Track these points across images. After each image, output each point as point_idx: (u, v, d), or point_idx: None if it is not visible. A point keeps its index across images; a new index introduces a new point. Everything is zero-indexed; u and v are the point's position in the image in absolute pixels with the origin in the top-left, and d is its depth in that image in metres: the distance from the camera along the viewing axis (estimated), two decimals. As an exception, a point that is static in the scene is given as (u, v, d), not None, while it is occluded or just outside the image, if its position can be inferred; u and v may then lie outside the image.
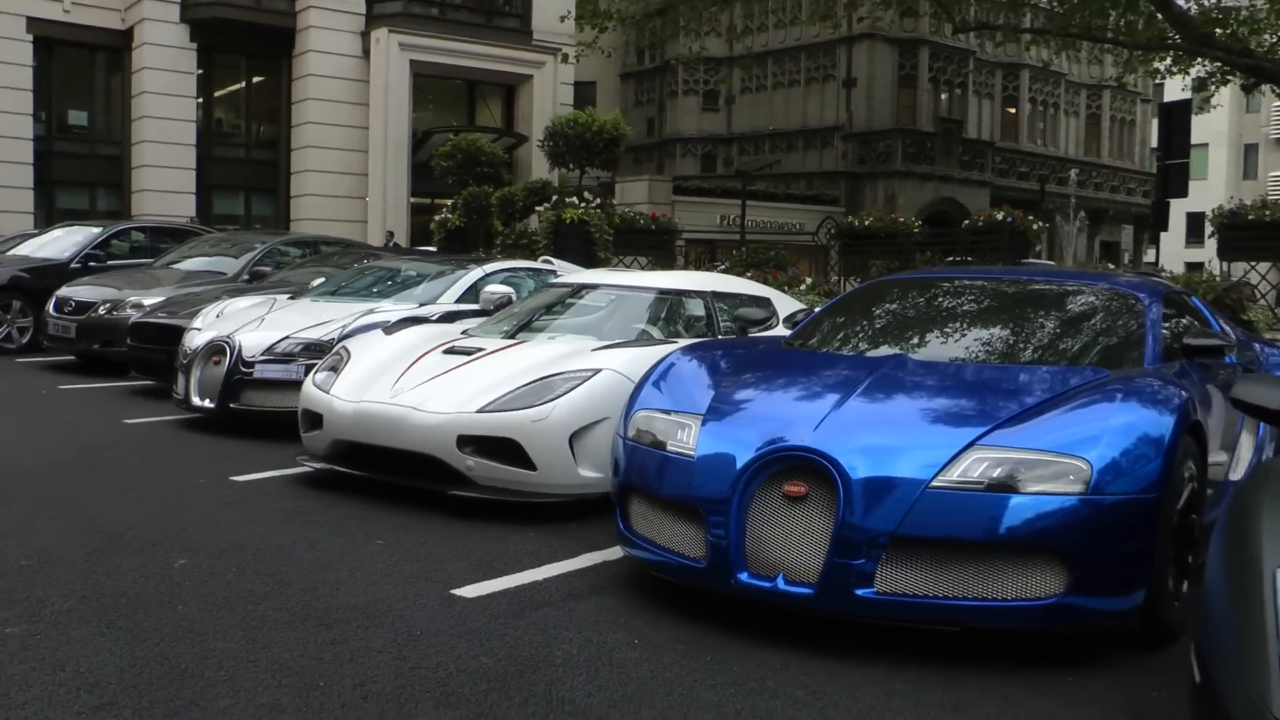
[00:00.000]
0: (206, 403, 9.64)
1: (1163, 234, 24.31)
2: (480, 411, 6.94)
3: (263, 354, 9.55)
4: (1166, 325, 6.31)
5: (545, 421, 6.80)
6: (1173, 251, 41.38)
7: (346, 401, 7.47)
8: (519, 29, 33.46)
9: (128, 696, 4.02)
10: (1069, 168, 45.62)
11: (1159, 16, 20.77)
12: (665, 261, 19.24)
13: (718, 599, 5.05)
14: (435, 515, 6.83)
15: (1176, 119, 25.35)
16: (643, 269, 17.24)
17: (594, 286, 9.32)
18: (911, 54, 39.02)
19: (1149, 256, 20.51)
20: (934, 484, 4.53)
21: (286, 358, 9.54)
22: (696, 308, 8.83)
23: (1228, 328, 7.59)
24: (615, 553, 5.91)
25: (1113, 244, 45.80)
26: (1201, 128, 62.26)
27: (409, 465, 7.17)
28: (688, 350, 6.35)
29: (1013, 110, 43.78)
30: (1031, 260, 17.57)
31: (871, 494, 4.55)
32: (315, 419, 7.72)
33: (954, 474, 4.55)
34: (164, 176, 29.84)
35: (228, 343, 9.63)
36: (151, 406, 10.87)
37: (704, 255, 30.05)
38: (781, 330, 8.40)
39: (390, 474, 7.27)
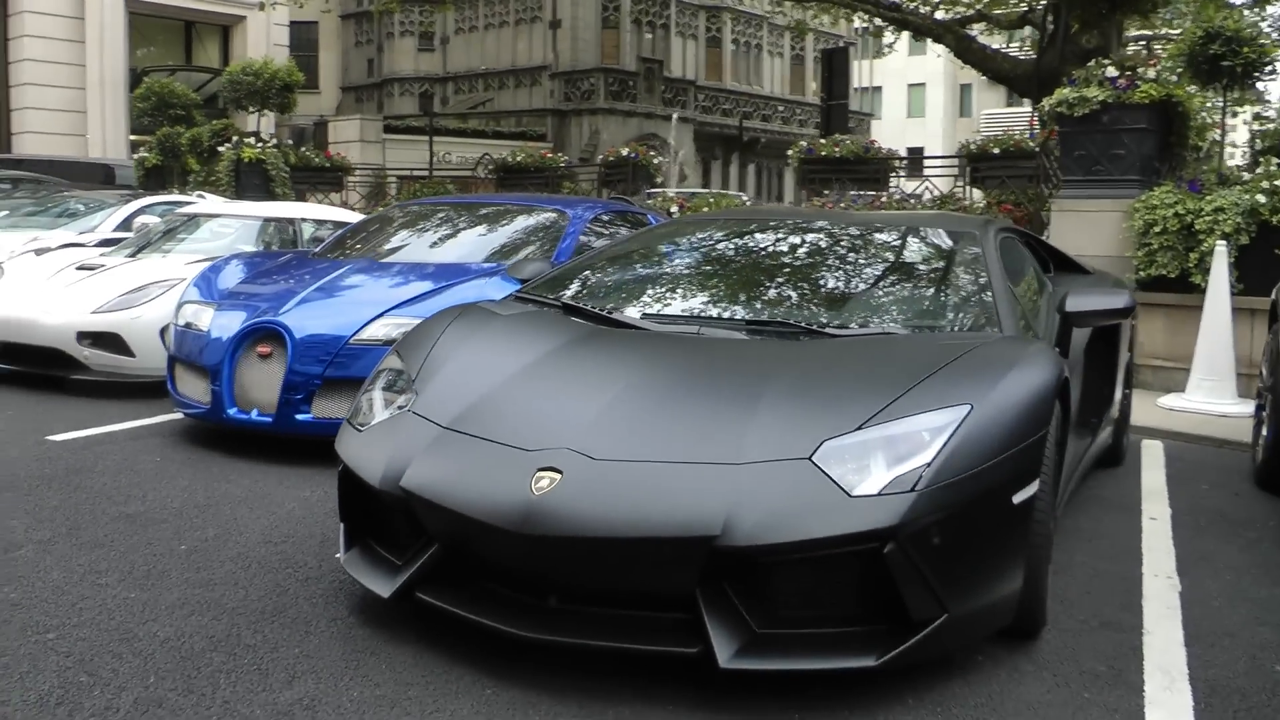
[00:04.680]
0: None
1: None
2: (94, 313, 8.93)
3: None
4: (595, 235, 8.66)
5: (141, 319, 8.85)
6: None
7: (-2, 309, 9.35)
8: (231, -30, 34.22)
9: None
10: (774, 105, 48.82)
11: None
12: (375, 196, 21.29)
13: (221, 430, 7.24)
14: (63, 395, 8.84)
15: (837, 64, 28.15)
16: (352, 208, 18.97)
17: (212, 215, 11.31)
18: (614, -4, 41.33)
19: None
20: (351, 342, 6.79)
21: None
22: (288, 231, 10.91)
23: None
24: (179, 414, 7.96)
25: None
26: (919, 69, 66.37)
27: (46, 358, 9.08)
28: (232, 257, 8.51)
29: (717, 50, 46.48)
30: (657, 190, 19.81)
31: (309, 349, 6.78)
32: (-29, 325, 9.56)
33: (365, 335, 6.81)
34: None
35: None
36: None
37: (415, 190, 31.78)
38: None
39: (32, 365, 9.17)
